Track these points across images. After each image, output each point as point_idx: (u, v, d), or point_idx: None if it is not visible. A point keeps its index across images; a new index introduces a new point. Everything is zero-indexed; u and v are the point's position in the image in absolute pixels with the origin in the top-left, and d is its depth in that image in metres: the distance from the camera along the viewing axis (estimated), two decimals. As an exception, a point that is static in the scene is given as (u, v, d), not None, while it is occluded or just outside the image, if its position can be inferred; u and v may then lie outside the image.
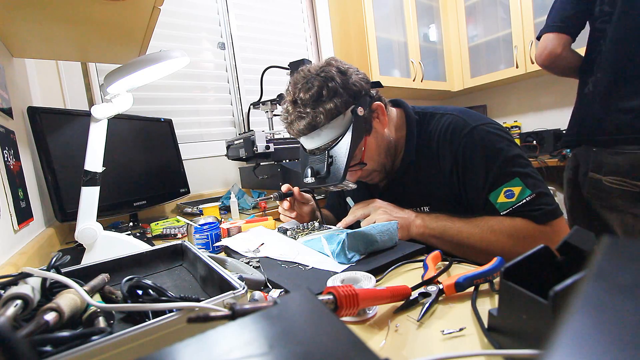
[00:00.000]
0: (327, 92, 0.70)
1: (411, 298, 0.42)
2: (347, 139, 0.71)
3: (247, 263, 0.60)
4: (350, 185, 0.77)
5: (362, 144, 0.74)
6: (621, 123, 0.93)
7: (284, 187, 0.91)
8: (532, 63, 2.20)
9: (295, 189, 0.90)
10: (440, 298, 0.44)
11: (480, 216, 0.70)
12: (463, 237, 0.69)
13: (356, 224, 0.78)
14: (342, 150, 0.71)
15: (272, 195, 0.91)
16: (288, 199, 0.90)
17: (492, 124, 0.73)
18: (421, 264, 0.55)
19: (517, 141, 2.31)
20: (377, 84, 0.78)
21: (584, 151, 1.04)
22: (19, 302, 0.33)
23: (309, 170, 0.76)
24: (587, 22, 1.04)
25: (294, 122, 0.73)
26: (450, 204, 0.75)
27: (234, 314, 0.26)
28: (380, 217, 0.72)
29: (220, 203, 1.43)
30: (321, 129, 0.72)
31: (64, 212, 0.92)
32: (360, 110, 0.71)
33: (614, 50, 0.93)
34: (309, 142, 0.76)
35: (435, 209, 0.77)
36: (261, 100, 1.57)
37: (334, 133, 0.72)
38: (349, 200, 0.92)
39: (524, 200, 0.65)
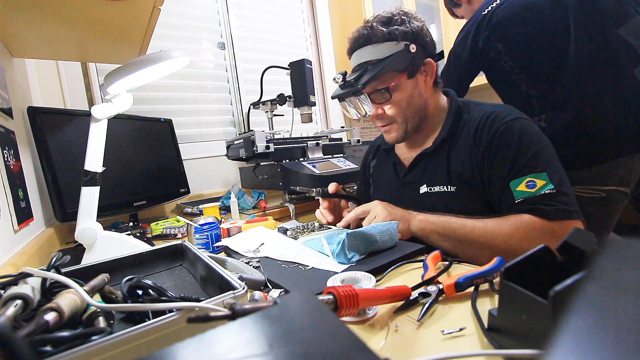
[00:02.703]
0: (397, 19, 0.76)
1: (411, 298, 0.42)
2: (387, 60, 0.74)
3: (247, 263, 0.60)
4: (368, 111, 0.79)
5: (398, 78, 0.76)
6: None
7: (332, 187, 0.88)
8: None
9: (342, 201, 0.92)
10: (440, 298, 0.44)
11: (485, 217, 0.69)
12: (466, 230, 0.67)
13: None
14: (378, 67, 0.75)
15: (314, 189, 0.88)
16: (330, 200, 0.89)
17: (535, 124, 0.74)
18: (421, 264, 0.55)
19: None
20: (440, 55, 0.82)
21: None
22: (19, 302, 0.33)
23: (340, 76, 0.80)
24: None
25: (355, 34, 0.79)
26: (473, 189, 0.73)
27: (234, 314, 0.26)
28: (380, 212, 0.72)
29: (220, 203, 1.43)
30: (373, 46, 0.76)
31: (64, 212, 0.91)
32: (413, 48, 0.74)
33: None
34: (357, 58, 0.79)
35: (459, 192, 0.75)
36: (261, 100, 1.56)
37: (381, 52, 0.76)
38: (351, 205, 0.92)
39: (542, 193, 0.64)
